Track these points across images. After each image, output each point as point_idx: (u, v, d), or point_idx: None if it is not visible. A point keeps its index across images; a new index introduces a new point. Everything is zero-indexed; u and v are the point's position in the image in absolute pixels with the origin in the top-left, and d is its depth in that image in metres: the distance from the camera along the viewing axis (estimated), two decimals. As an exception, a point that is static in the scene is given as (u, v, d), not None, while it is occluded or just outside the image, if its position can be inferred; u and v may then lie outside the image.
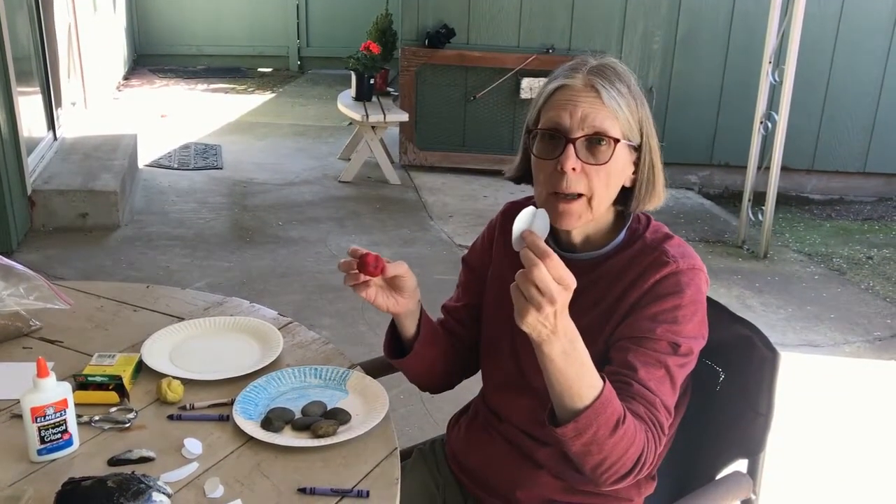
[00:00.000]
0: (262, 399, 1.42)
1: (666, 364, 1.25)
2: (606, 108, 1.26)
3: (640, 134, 1.30)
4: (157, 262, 4.23)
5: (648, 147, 1.31)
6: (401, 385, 2.98)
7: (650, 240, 1.34)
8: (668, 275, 1.28)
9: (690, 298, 1.28)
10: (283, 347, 1.58)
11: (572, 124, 1.27)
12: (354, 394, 1.45)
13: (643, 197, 1.34)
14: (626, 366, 1.25)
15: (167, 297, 1.83)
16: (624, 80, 1.29)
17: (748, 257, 4.75)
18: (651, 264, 1.30)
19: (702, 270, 1.32)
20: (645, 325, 1.26)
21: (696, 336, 1.29)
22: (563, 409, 1.16)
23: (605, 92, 1.26)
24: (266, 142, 6.86)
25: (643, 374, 1.24)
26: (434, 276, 4.20)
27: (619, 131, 1.27)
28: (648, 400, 1.23)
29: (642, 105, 1.31)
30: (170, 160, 6.10)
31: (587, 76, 1.28)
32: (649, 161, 1.32)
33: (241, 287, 3.95)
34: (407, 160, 6.16)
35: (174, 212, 5.03)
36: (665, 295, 1.27)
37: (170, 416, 1.38)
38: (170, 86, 9.05)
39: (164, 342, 1.60)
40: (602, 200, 1.30)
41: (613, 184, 1.30)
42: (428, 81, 6.03)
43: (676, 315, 1.26)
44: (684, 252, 1.32)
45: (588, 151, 1.27)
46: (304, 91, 9.14)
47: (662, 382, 1.25)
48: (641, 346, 1.26)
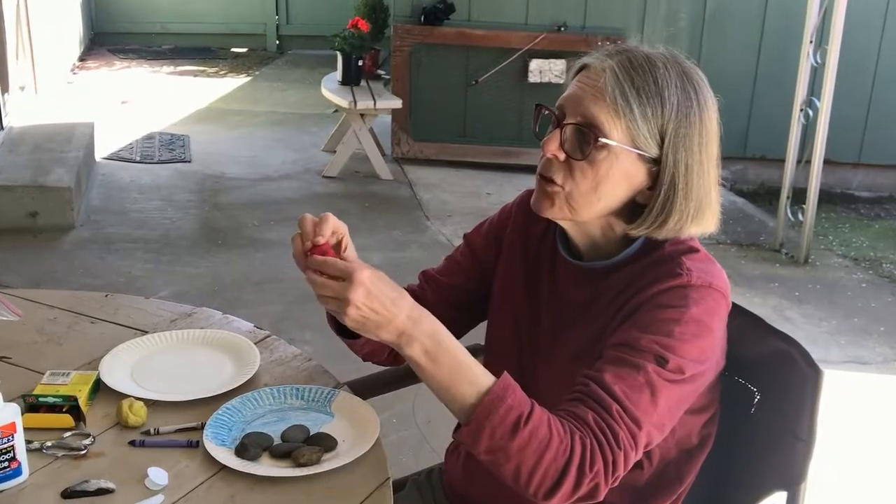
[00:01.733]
0: (237, 423, 1.42)
1: (646, 372, 1.21)
2: (608, 100, 1.25)
3: (660, 144, 1.27)
4: (117, 268, 4.23)
5: (672, 163, 1.27)
6: (393, 407, 3.02)
7: (669, 251, 1.32)
8: (676, 287, 1.26)
9: (694, 317, 1.25)
10: (259, 364, 1.59)
11: (569, 108, 1.29)
12: (341, 417, 1.46)
13: (653, 219, 1.30)
14: (596, 369, 1.23)
15: (129, 308, 1.83)
16: (653, 75, 1.25)
17: (786, 262, 4.76)
18: (661, 274, 1.29)
19: (720, 292, 1.28)
20: (632, 334, 1.24)
21: (695, 359, 1.25)
22: (455, 414, 1.20)
23: (616, 84, 1.25)
24: (240, 131, 6.86)
25: (609, 377, 1.21)
26: (431, 284, 4.20)
27: (622, 133, 1.25)
28: (601, 403, 1.19)
29: (681, 113, 1.26)
30: (131, 152, 6.11)
31: (609, 60, 1.28)
32: (671, 181, 1.28)
33: (213, 296, 3.95)
34: (400, 152, 6.17)
35: (136, 211, 5.03)
36: (664, 306, 1.25)
37: (131, 442, 1.38)
38: (131, 68, 9.05)
39: (126, 358, 1.60)
40: (587, 204, 1.30)
41: (607, 191, 1.29)
42: (424, 63, 6.04)
43: (671, 329, 1.23)
44: (705, 269, 1.29)
45: (576, 143, 1.28)
46: (284, 74, 9.14)
47: (637, 392, 1.20)
48: (620, 352, 1.23)
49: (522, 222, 1.52)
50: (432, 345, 1.17)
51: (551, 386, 1.39)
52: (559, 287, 1.44)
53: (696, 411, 1.35)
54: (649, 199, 1.30)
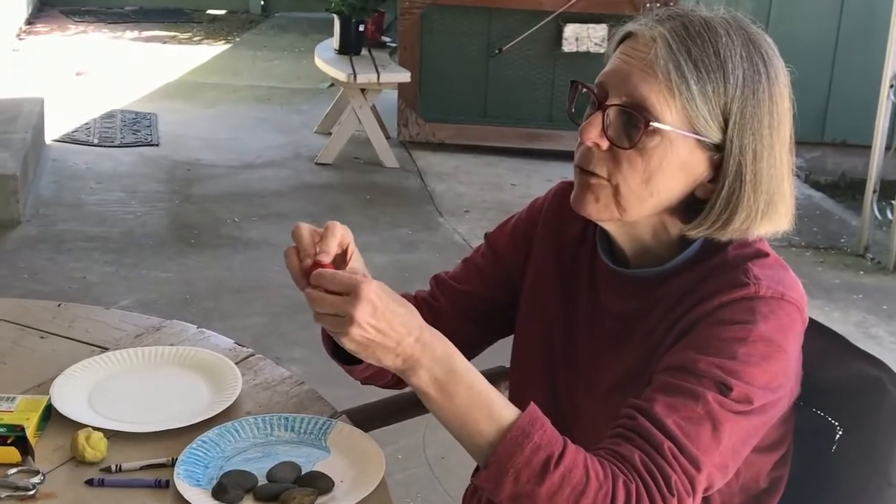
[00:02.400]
0: (214, 459, 1.42)
1: (706, 401, 1.20)
2: (660, 77, 1.23)
3: (723, 128, 1.26)
4: (70, 272, 4.25)
5: (737, 149, 1.26)
6: (399, 441, 3.02)
7: (732, 256, 1.31)
8: (742, 298, 1.25)
9: (763, 335, 1.24)
10: (241, 389, 1.59)
11: (612, 86, 1.28)
12: (338, 452, 1.45)
13: (715, 217, 1.29)
14: (645, 398, 1.22)
15: (85, 320, 1.83)
16: (713, 44, 1.24)
17: (872, 269, 4.74)
18: (724, 284, 1.27)
19: (794, 305, 1.28)
20: (689, 355, 1.23)
21: (765, 386, 1.24)
22: (472, 454, 1.19)
23: (666, 53, 1.23)
24: (217, 109, 6.88)
25: (660, 408, 1.20)
26: (444, 293, 4.20)
27: (678, 115, 1.24)
28: (651, 439, 1.18)
29: (747, 88, 1.25)
30: (88, 134, 6.13)
31: (660, 27, 1.26)
32: (737, 171, 1.26)
33: (184, 306, 3.96)
34: (408, 135, 6.17)
35: (93, 203, 5.05)
36: (727, 322, 1.24)
37: (89, 482, 1.37)
38: (88, 33, 9.10)
39: (82, 381, 1.60)
40: (634, 200, 1.28)
41: (662, 184, 1.27)
42: (437, 29, 6.04)
43: (736, 350, 1.22)
44: (775, 276, 1.28)
45: (622, 129, 1.27)
46: (270, 41, 9.18)
47: (696, 425, 1.19)
48: (674, 378, 1.22)
49: (556, 220, 1.51)
50: (443, 373, 1.16)
51: (592, 417, 1.39)
52: (600, 298, 1.43)
53: (765, 449, 1.35)
54: (710, 193, 1.29)
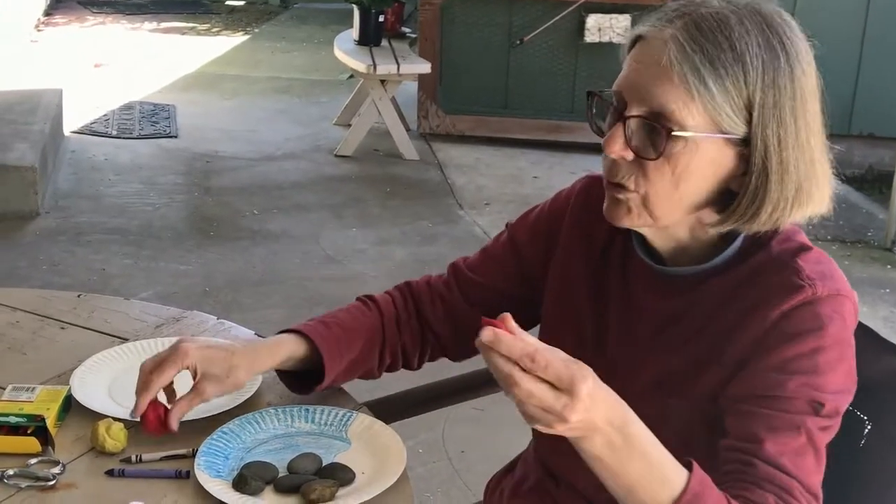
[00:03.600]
0: (235, 450, 1.42)
1: (806, 428, 1.21)
2: (674, 81, 1.21)
3: (748, 120, 1.23)
4: (90, 264, 4.27)
5: (762, 141, 1.23)
6: (419, 434, 3.02)
7: (777, 252, 1.30)
8: (803, 304, 1.23)
9: (835, 338, 1.23)
10: (262, 380, 1.58)
11: (630, 95, 1.25)
12: (359, 444, 1.46)
13: (745, 213, 1.26)
14: (747, 438, 1.21)
15: (105, 311, 1.84)
16: (730, 40, 1.21)
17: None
18: (777, 288, 1.25)
19: (849, 298, 1.27)
20: (772, 379, 1.22)
21: (842, 390, 1.25)
22: None
23: (681, 57, 1.20)
24: (236, 101, 6.90)
25: (771, 447, 1.20)
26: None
27: (700, 117, 1.21)
28: (781, 485, 1.19)
29: (768, 75, 1.22)
30: (107, 125, 6.16)
31: (670, 29, 1.22)
32: (763, 163, 1.24)
33: (203, 298, 3.98)
34: (428, 127, 6.17)
35: (112, 195, 5.07)
36: (799, 334, 1.22)
37: (109, 472, 1.38)
38: (106, 24, 9.14)
39: (102, 371, 1.61)
40: (666, 207, 1.27)
41: (691, 188, 1.25)
42: (457, 19, 6.03)
43: (816, 362, 1.22)
44: (825, 271, 1.27)
45: (646, 137, 1.24)
46: (289, 32, 9.19)
47: (802, 456, 1.21)
48: (768, 408, 1.21)
49: (583, 214, 1.49)
50: (620, 438, 1.10)
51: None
52: (636, 298, 1.41)
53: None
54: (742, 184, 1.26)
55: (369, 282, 4.22)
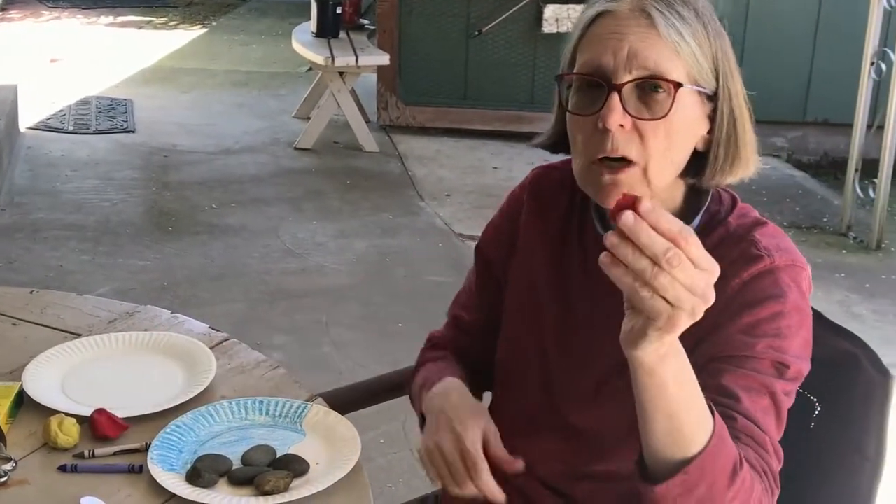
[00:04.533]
0: (188, 443, 1.42)
1: (772, 390, 1.25)
2: (663, 39, 1.25)
3: (716, 76, 1.29)
4: (46, 261, 4.23)
5: (727, 93, 1.30)
6: (379, 426, 3.03)
7: (735, 226, 1.34)
8: (763, 272, 1.28)
9: (794, 305, 1.28)
10: (216, 373, 1.58)
11: (616, 65, 1.26)
12: (314, 435, 1.46)
13: (722, 164, 1.32)
14: (724, 393, 1.24)
15: (58, 306, 1.83)
16: (689, 2, 1.28)
17: (855, 248, 4.77)
18: (738, 259, 1.29)
19: (805, 269, 1.32)
20: (740, 340, 1.26)
21: (802, 356, 1.29)
22: (665, 457, 1.12)
23: (662, 17, 1.25)
24: (194, 95, 6.86)
25: (748, 403, 1.23)
26: (427, 278, 4.21)
27: (684, 72, 1.26)
28: (758, 440, 1.22)
29: (718, 35, 1.29)
30: (63, 121, 6.11)
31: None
32: (729, 113, 1.31)
33: (162, 293, 3.95)
34: (388, 119, 6.16)
35: (69, 191, 5.03)
36: (761, 300, 1.27)
37: (62, 468, 1.37)
38: (62, 19, 9.05)
39: (55, 367, 1.60)
40: (663, 169, 1.29)
41: (679, 146, 1.29)
42: (416, 11, 6.03)
43: (779, 326, 1.27)
44: (780, 244, 1.32)
45: (640, 102, 1.26)
46: (247, 25, 9.15)
47: (768, 415, 1.25)
48: (741, 367, 1.25)
49: (537, 205, 1.51)
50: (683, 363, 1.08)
51: (593, 395, 1.40)
52: (600, 279, 1.40)
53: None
54: (708, 143, 1.32)
55: (330, 275, 4.23)
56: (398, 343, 3.65)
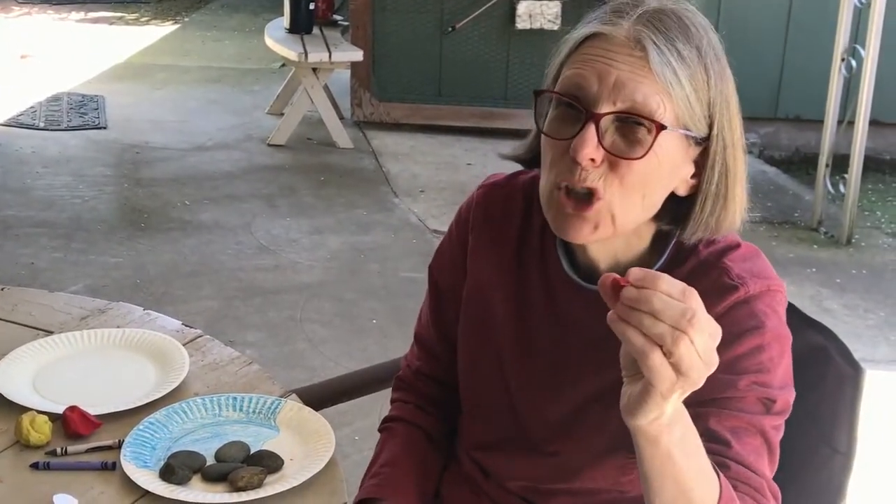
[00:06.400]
0: (162, 440, 1.42)
1: (761, 428, 1.23)
2: (655, 76, 1.17)
3: (710, 123, 1.22)
4: (17, 258, 4.20)
5: (721, 143, 1.22)
6: (353, 422, 3.03)
7: (706, 254, 1.29)
8: (738, 303, 1.24)
9: (774, 334, 1.25)
10: (189, 370, 1.58)
11: (600, 92, 1.18)
12: (288, 431, 1.46)
13: (707, 218, 1.25)
14: (713, 438, 1.20)
15: (29, 303, 1.82)
16: (693, 40, 1.19)
17: (826, 243, 4.80)
18: (711, 290, 1.22)
19: (780, 292, 1.28)
20: (722, 379, 1.20)
21: (787, 385, 1.27)
22: None
23: (657, 53, 1.17)
24: (166, 91, 6.83)
25: (738, 448, 1.21)
26: (400, 275, 4.21)
27: (672, 114, 1.18)
28: (754, 486, 1.21)
29: (720, 79, 1.22)
30: (33, 117, 6.06)
31: (635, 25, 1.18)
32: (721, 165, 1.23)
33: (135, 290, 3.94)
34: (362, 115, 6.16)
35: (40, 188, 5.00)
36: (739, 334, 1.23)
37: (34, 465, 1.37)
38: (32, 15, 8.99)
39: (26, 364, 1.59)
40: (632, 210, 1.22)
41: (654, 188, 1.22)
42: (389, 7, 6.02)
43: (761, 360, 1.23)
44: (754, 268, 1.28)
45: (619, 136, 1.19)
46: (219, 21, 9.11)
47: (761, 456, 1.23)
48: (726, 409, 1.22)
49: (487, 225, 1.45)
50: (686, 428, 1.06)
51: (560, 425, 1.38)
52: (566, 314, 1.38)
53: None
54: (693, 189, 1.25)
55: (303, 271, 4.22)
56: (372, 339, 3.65)
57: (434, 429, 1.56)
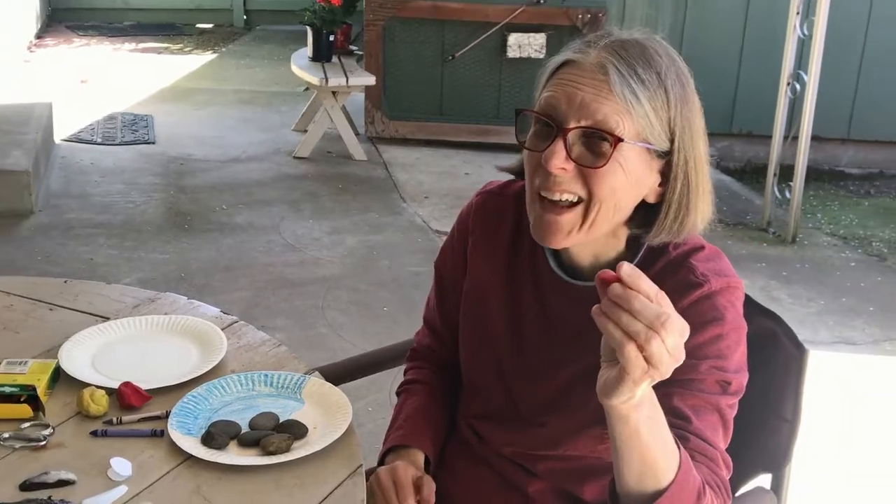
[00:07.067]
0: (203, 411, 1.42)
1: (718, 407, 1.23)
2: (615, 97, 1.17)
3: (671, 138, 1.21)
4: (79, 255, 4.20)
5: (682, 158, 1.22)
6: (368, 396, 3.02)
7: (675, 254, 1.29)
8: (701, 298, 1.24)
9: (732, 325, 1.25)
10: (226, 351, 1.58)
11: (567, 111, 1.19)
12: (311, 404, 1.46)
13: (670, 223, 1.25)
14: (676, 414, 1.21)
15: (89, 294, 1.81)
16: (653, 66, 1.20)
17: (774, 242, 4.79)
18: (678, 286, 1.24)
19: (738, 288, 1.29)
20: (686, 363, 1.17)
21: (741, 369, 1.27)
22: (638, 490, 1.10)
23: (618, 76, 1.17)
24: (206, 111, 6.82)
25: (698, 423, 1.21)
26: (408, 269, 4.21)
27: (632, 129, 1.18)
28: (710, 456, 1.21)
29: (681, 102, 1.21)
30: (92, 133, 6.06)
31: (601, 53, 1.19)
32: (683, 177, 1.23)
33: (179, 283, 3.94)
34: (374, 132, 6.15)
35: (98, 195, 5.00)
36: (702, 324, 1.23)
37: (93, 433, 1.37)
38: (91, 45, 8.96)
39: (86, 346, 1.59)
40: (602, 217, 1.22)
41: (623, 194, 1.22)
42: (397, 38, 6.01)
43: (720, 347, 1.23)
44: (716, 267, 1.28)
45: (585, 149, 1.20)
46: (252, 51, 9.09)
47: (717, 431, 1.23)
48: (688, 389, 1.22)
49: (484, 230, 1.46)
50: (653, 408, 1.06)
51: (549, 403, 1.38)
52: (553, 307, 1.38)
53: None
54: (660, 196, 1.25)
55: (324, 266, 4.22)
56: (383, 324, 3.65)
57: (444, 390, 1.58)
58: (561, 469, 1.39)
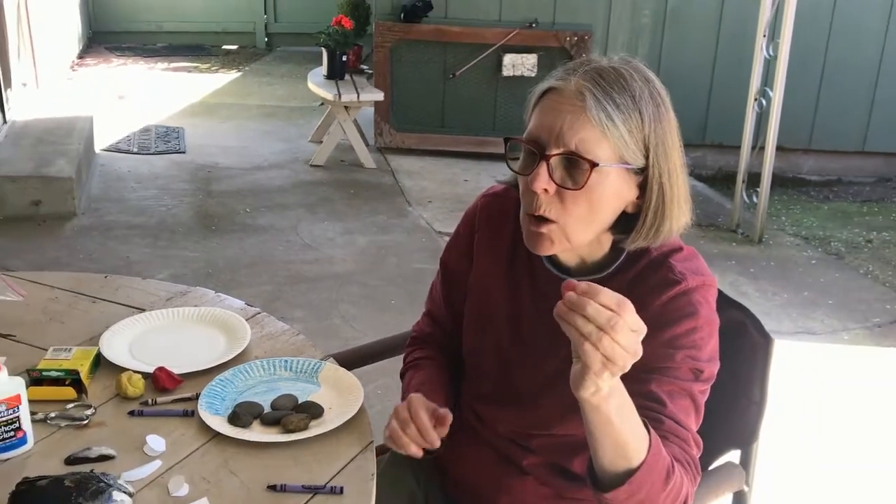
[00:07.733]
0: (229, 393, 1.42)
1: (691, 393, 1.23)
2: (591, 122, 1.16)
3: (646, 155, 1.20)
4: (117, 253, 4.20)
5: (657, 171, 1.21)
6: (377, 380, 3.02)
7: (656, 255, 1.29)
8: (678, 294, 1.24)
9: (706, 318, 1.25)
10: (250, 339, 1.58)
11: (549, 138, 1.19)
12: (327, 386, 1.46)
13: (647, 230, 1.24)
14: (652, 398, 1.21)
15: (127, 288, 1.82)
16: (628, 89, 1.18)
17: (742, 242, 4.79)
18: (657, 284, 1.25)
19: (713, 286, 1.29)
20: (663, 352, 1.22)
21: (713, 358, 1.27)
22: (612, 470, 1.11)
23: (595, 102, 1.16)
24: (231, 124, 6.82)
25: (672, 407, 1.21)
26: (413, 266, 4.21)
27: (608, 151, 1.18)
28: (681, 437, 1.21)
29: (654, 120, 1.20)
30: (129, 144, 6.06)
31: (580, 80, 1.18)
32: (658, 188, 1.22)
33: (207, 278, 3.93)
34: (382, 142, 6.15)
35: (134, 199, 5.00)
36: (678, 318, 1.23)
37: (131, 412, 1.37)
38: (128, 65, 8.96)
39: (124, 334, 1.59)
40: (580, 229, 1.23)
41: (599, 210, 1.22)
42: (404, 58, 6.01)
43: (695, 339, 1.23)
44: (692, 266, 1.28)
45: (565, 172, 1.20)
46: (272, 69, 9.08)
47: (689, 414, 1.23)
48: (664, 376, 1.22)
49: (488, 229, 1.46)
50: (622, 398, 1.06)
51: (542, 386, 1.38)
52: (547, 300, 1.35)
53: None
54: (638, 207, 1.25)
55: (337, 263, 4.22)
56: (391, 315, 3.65)
57: (448, 365, 1.56)
58: (553, 444, 1.39)
